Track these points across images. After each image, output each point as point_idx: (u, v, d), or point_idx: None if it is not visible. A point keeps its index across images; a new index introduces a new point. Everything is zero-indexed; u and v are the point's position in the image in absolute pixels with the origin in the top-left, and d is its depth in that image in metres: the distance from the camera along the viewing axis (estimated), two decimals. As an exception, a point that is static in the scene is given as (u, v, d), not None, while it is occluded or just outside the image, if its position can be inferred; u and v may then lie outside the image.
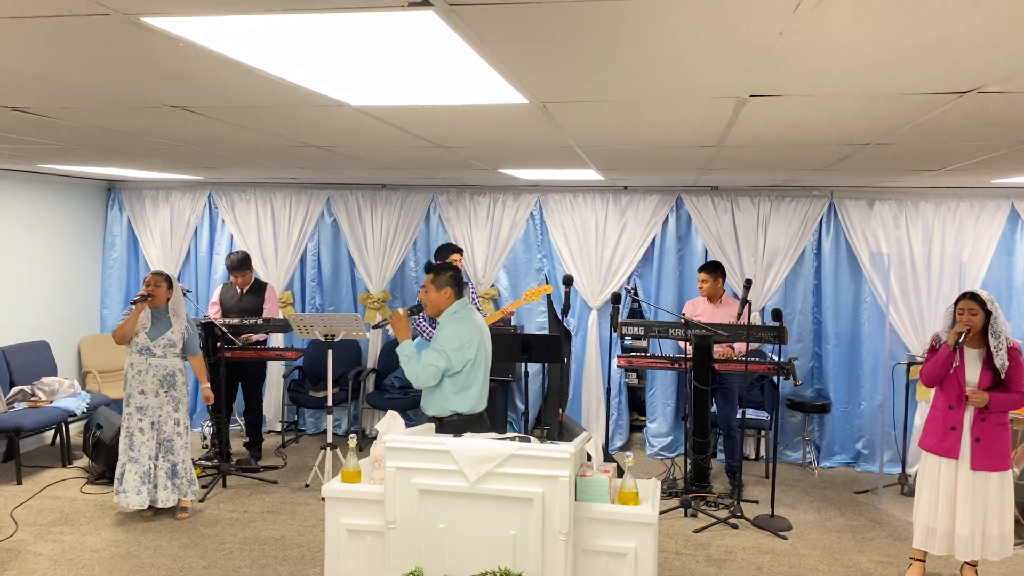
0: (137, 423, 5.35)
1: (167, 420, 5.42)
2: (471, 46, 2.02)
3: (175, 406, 5.45)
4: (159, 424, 5.39)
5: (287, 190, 7.83)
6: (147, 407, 5.35)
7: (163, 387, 5.39)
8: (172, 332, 5.43)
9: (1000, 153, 4.10)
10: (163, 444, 5.41)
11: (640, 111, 3.04)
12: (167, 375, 5.40)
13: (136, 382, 5.35)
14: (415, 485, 3.06)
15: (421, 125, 3.49)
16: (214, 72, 2.41)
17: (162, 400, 5.38)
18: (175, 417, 5.45)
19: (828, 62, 2.20)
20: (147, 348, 5.35)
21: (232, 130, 3.75)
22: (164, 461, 5.41)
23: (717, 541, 5.25)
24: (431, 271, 4.39)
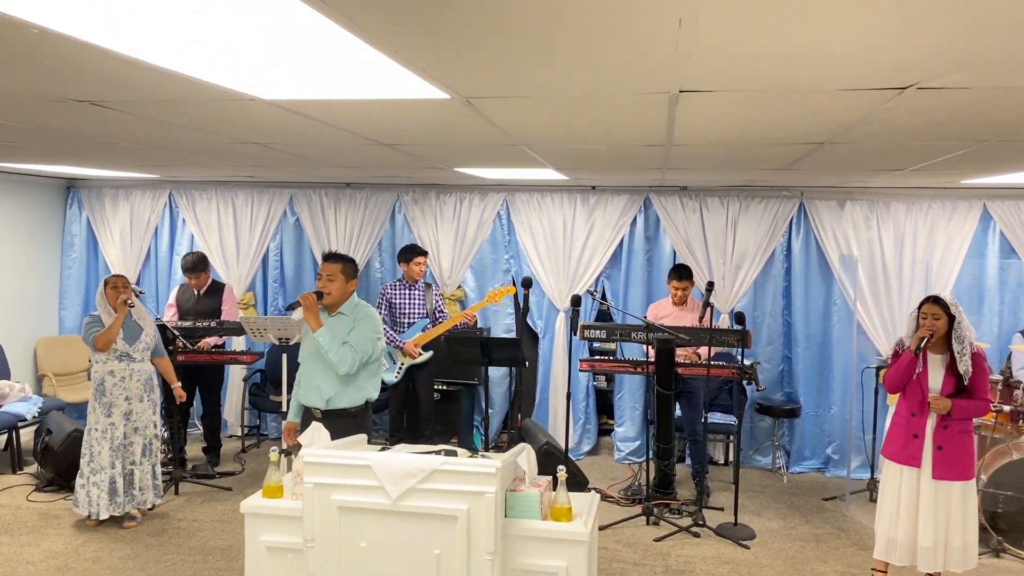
0: (122, 429, 5.22)
1: (148, 424, 5.35)
2: (355, 35, 1.86)
3: (153, 409, 5.39)
4: (143, 429, 5.32)
5: (248, 189, 7.65)
6: (133, 412, 5.25)
7: (145, 391, 5.31)
8: (146, 335, 5.34)
9: (960, 152, 3.97)
10: (146, 448, 5.34)
11: (573, 107, 2.89)
12: (147, 379, 5.34)
13: (120, 389, 5.21)
14: (334, 502, 2.90)
15: (349, 121, 3.33)
16: (87, 61, 2.24)
17: (145, 405, 5.32)
18: (153, 420, 5.39)
19: (744, 54, 2.05)
20: (127, 354, 5.22)
21: (158, 126, 3.58)
22: (147, 464, 5.35)
23: (677, 551, 5.10)
24: (341, 260, 4.31)
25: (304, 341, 4.37)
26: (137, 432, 5.27)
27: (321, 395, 4.24)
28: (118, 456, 5.20)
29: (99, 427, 5.19)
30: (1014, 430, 5.43)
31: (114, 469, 5.20)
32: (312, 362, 4.28)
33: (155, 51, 2.09)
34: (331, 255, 4.35)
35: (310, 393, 4.28)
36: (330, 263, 4.29)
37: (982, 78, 2.30)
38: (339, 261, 4.31)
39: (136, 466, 5.28)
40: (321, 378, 4.24)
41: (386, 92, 2.63)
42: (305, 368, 4.33)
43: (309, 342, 4.29)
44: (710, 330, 5.52)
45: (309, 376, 4.29)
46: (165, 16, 1.75)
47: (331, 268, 4.26)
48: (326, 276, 4.26)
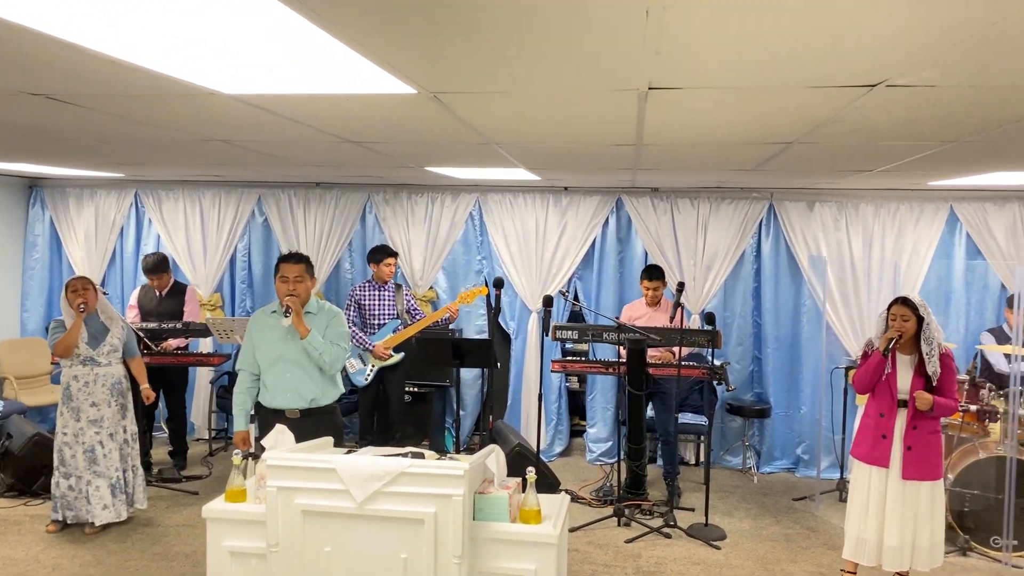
0: (95, 436, 5.08)
1: (119, 430, 5.20)
2: (320, 28, 1.81)
3: (123, 414, 5.24)
4: (118, 435, 5.17)
5: (216, 188, 7.54)
6: (103, 418, 5.10)
7: (113, 396, 5.15)
8: (112, 336, 5.18)
9: (927, 153, 3.99)
10: (122, 451, 5.22)
11: (541, 103, 2.85)
12: (116, 383, 5.18)
13: (84, 395, 5.07)
14: (298, 506, 2.84)
15: (315, 117, 3.27)
16: (42, 53, 2.17)
17: (114, 410, 5.16)
18: (123, 424, 5.24)
19: (714, 50, 2.03)
20: (90, 358, 5.08)
21: (118, 122, 3.50)
22: (128, 467, 5.26)
23: (648, 552, 5.09)
24: (304, 260, 4.23)
25: (259, 347, 4.22)
26: (112, 439, 5.14)
27: (303, 397, 4.16)
28: (90, 462, 5.07)
29: (68, 431, 5.07)
30: (980, 429, 5.48)
31: (89, 475, 5.08)
32: (285, 365, 4.17)
33: (113, 44, 2.03)
34: (293, 255, 4.24)
35: (284, 396, 4.17)
36: (294, 264, 4.17)
37: (950, 76, 2.30)
38: (302, 261, 4.22)
39: (119, 472, 5.17)
40: (302, 381, 4.16)
41: (351, 86, 2.58)
42: (276, 372, 4.18)
43: (276, 346, 4.17)
44: (680, 330, 5.51)
45: (282, 379, 4.17)
46: (124, 8, 1.69)
47: (297, 269, 4.16)
48: (293, 278, 4.14)
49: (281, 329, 4.17)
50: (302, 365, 4.17)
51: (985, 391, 5.42)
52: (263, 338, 4.21)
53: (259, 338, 4.22)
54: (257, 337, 4.23)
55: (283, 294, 4.14)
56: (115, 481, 5.15)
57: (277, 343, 4.17)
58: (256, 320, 4.29)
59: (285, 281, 4.14)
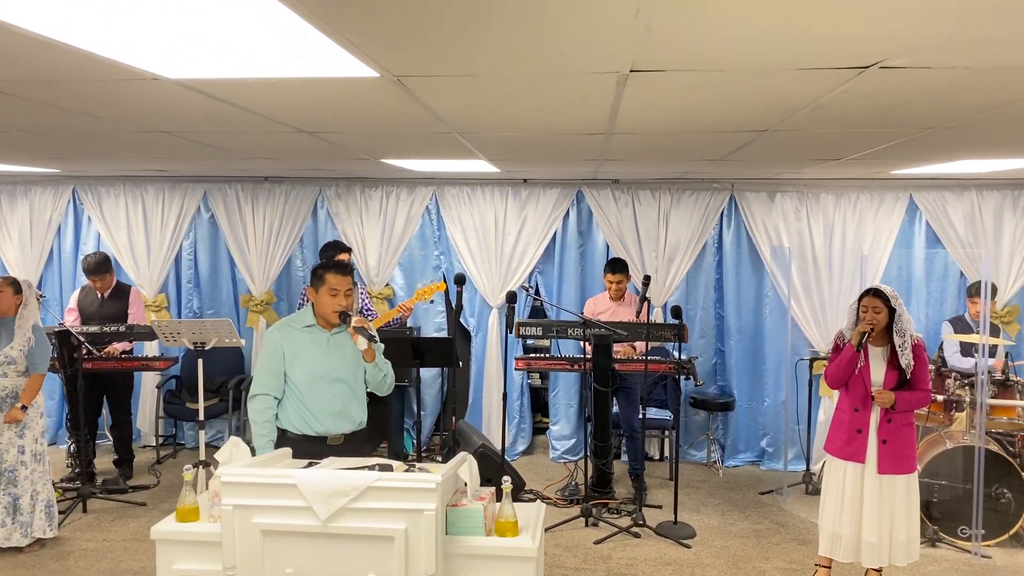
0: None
1: (9, 448, 4.72)
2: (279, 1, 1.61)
3: (19, 431, 4.75)
4: (2, 453, 4.71)
5: (159, 184, 7.19)
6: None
7: (2, 410, 4.71)
8: (11, 347, 4.73)
9: (897, 142, 3.91)
10: (4, 475, 4.71)
11: (511, 88, 2.67)
12: (6, 396, 4.73)
13: None
14: (256, 525, 2.62)
15: (267, 104, 3.04)
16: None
17: (1, 426, 4.71)
18: (19, 444, 4.75)
19: (709, 26, 1.87)
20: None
21: (51, 111, 3.22)
22: (3, 495, 4.71)
23: (618, 553, 4.96)
24: (350, 272, 3.70)
25: (295, 365, 3.63)
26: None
27: (352, 420, 3.70)
28: None
29: None
30: (946, 419, 5.47)
31: None
32: (329, 385, 3.64)
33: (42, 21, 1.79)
34: (341, 266, 3.67)
35: (330, 420, 3.64)
36: (345, 275, 3.62)
37: (947, 57, 2.18)
38: (350, 272, 3.69)
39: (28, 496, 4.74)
40: (350, 402, 3.69)
41: (308, 69, 2.37)
42: (317, 394, 3.63)
43: (318, 363, 3.64)
44: (647, 325, 5.39)
45: (329, 401, 3.64)
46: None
47: (348, 282, 3.62)
48: (344, 292, 3.60)
49: (321, 345, 3.65)
50: (350, 384, 3.69)
51: (951, 380, 5.41)
52: (299, 356, 3.63)
53: (293, 356, 3.63)
54: (291, 355, 3.63)
55: (331, 309, 3.59)
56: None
57: (316, 360, 3.63)
58: (285, 335, 3.67)
59: (335, 295, 3.58)
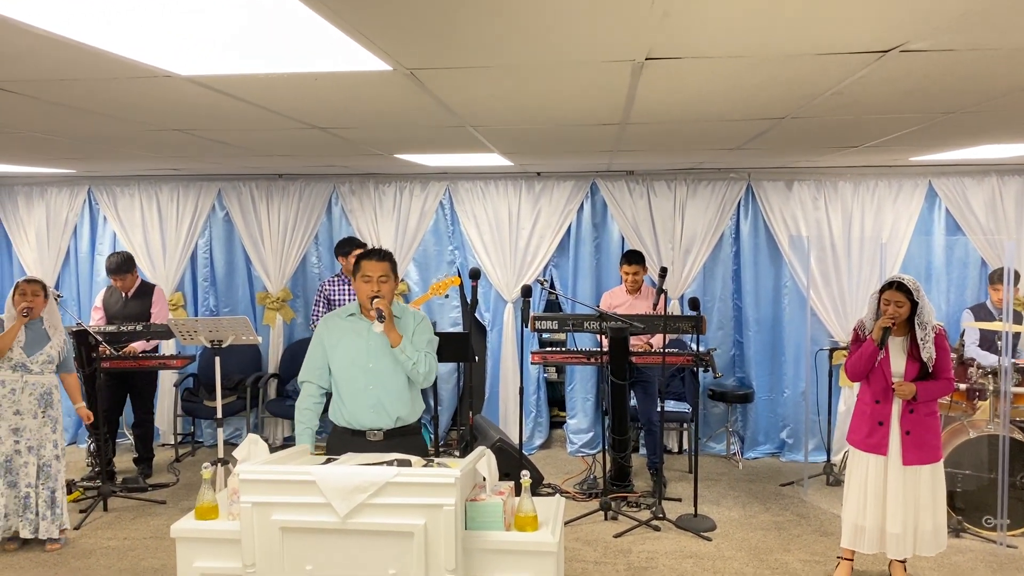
0: (12, 446, 4.77)
1: (46, 443, 4.86)
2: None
3: (53, 427, 4.90)
4: (37, 449, 4.83)
5: (174, 182, 7.21)
6: (24, 428, 4.78)
7: (40, 407, 4.83)
8: (51, 347, 4.87)
9: (917, 128, 3.85)
10: (43, 469, 4.85)
11: (526, 79, 2.64)
12: (44, 393, 4.85)
13: (8, 402, 4.75)
14: (276, 522, 2.61)
15: (279, 100, 3.03)
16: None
17: (40, 422, 4.83)
18: (53, 439, 4.90)
19: (727, 12, 1.84)
20: (23, 364, 4.77)
21: (65, 111, 3.22)
22: (44, 488, 4.85)
23: (638, 546, 4.93)
24: (389, 258, 3.60)
25: (335, 355, 3.60)
26: (31, 452, 4.81)
27: (389, 415, 3.54)
28: (4, 471, 4.75)
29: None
30: (969, 408, 5.40)
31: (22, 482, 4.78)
32: (367, 378, 3.55)
33: (54, 19, 1.79)
34: (376, 251, 3.60)
35: (366, 415, 3.54)
36: (378, 261, 3.55)
37: (970, 39, 2.13)
38: (386, 258, 3.58)
39: (32, 489, 4.82)
40: (386, 395, 3.54)
41: (321, 63, 2.35)
42: (354, 386, 3.56)
43: (356, 355, 3.58)
44: (664, 317, 5.35)
45: (364, 395, 3.54)
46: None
47: (382, 267, 3.53)
48: (377, 277, 3.52)
49: (362, 335, 3.58)
50: (388, 377, 3.57)
51: (973, 369, 5.35)
52: (339, 346, 3.60)
53: (333, 346, 3.61)
54: (331, 345, 3.61)
55: (365, 296, 3.53)
56: (23, 496, 4.81)
57: (355, 350, 3.58)
58: (328, 325, 3.67)
59: (368, 281, 3.52)
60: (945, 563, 4.64)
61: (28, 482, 4.81)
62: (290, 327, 7.31)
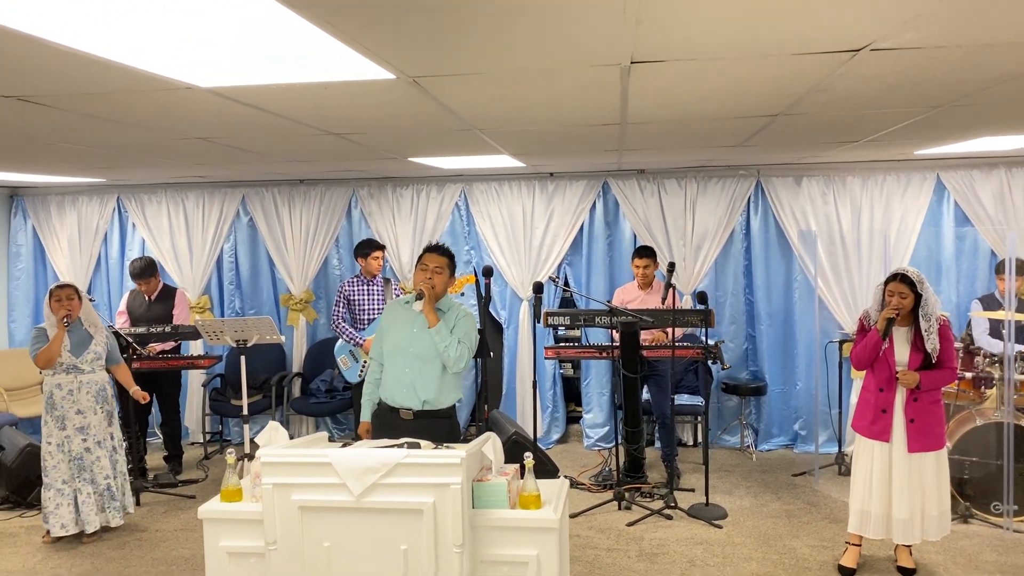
0: (81, 444, 5.04)
1: (106, 436, 5.16)
2: (295, 12, 1.77)
3: (109, 420, 5.20)
4: (105, 442, 5.13)
5: (199, 190, 7.46)
6: (88, 425, 5.05)
7: (98, 403, 5.10)
8: (96, 344, 5.13)
9: (910, 121, 3.97)
10: (112, 461, 5.17)
11: (522, 83, 2.81)
12: (100, 390, 5.12)
13: (69, 403, 5.01)
14: (295, 502, 2.80)
15: (294, 108, 3.22)
16: (10, 51, 2.12)
17: (100, 417, 5.11)
18: (109, 431, 5.19)
19: (697, 18, 1.99)
20: (74, 366, 5.02)
21: (94, 123, 3.44)
22: (119, 477, 5.21)
23: (650, 534, 5.07)
24: (448, 254, 3.97)
25: (387, 337, 3.97)
26: (100, 446, 5.10)
27: (418, 396, 3.85)
28: (78, 470, 5.03)
29: (53, 440, 5.02)
30: (976, 396, 5.48)
31: (78, 482, 5.03)
32: (406, 359, 3.89)
33: (83, 39, 1.98)
34: (438, 247, 3.97)
35: (399, 393, 3.88)
36: (437, 255, 3.91)
37: (934, 37, 2.26)
38: (446, 254, 3.95)
39: (111, 480, 5.13)
40: (419, 378, 3.86)
41: (328, 74, 2.53)
42: (395, 366, 3.91)
43: (401, 337, 3.92)
44: (673, 311, 5.49)
45: (401, 374, 3.89)
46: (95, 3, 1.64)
47: (439, 260, 3.89)
48: (432, 268, 3.87)
49: (409, 320, 3.92)
50: (424, 361, 3.87)
51: (980, 358, 5.43)
52: (391, 328, 3.99)
53: (389, 327, 4.00)
54: (387, 327, 4.01)
55: (419, 281, 3.90)
56: (104, 488, 5.11)
57: (403, 334, 3.92)
58: (389, 309, 4.08)
59: (424, 270, 3.88)
60: (953, 547, 4.73)
61: (105, 474, 5.10)
62: (313, 327, 7.53)
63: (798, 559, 4.66)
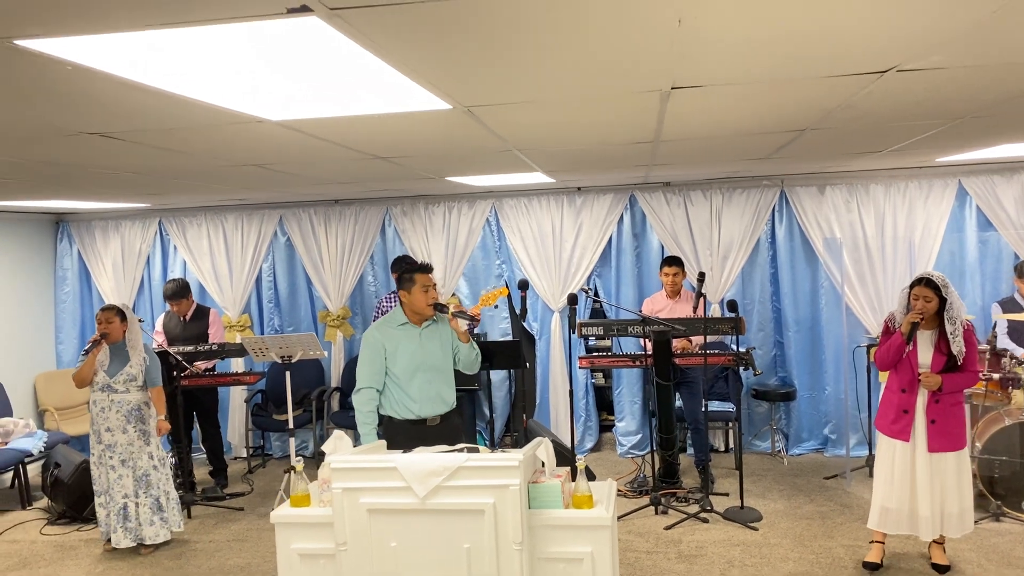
0: (108, 461, 5.24)
1: (140, 455, 5.28)
2: (368, 50, 1.97)
3: (146, 439, 5.32)
4: (132, 461, 5.26)
5: (238, 212, 7.72)
6: (116, 444, 5.23)
7: (130, 422, 5.25)
8: (130, 366, 5.29)
9: (931, 132, 4.13)
10: (140, 480, 5.27)
11: (567, 110, 3.00)
12: (132, 410, 5.27)
13: (101, 419, 5.24)
14: (363, 505, 2.99)
15: (351, 137, 3.43)
16: (118, 96, 2.34)
17: (131, 436, 5.26)
18: (147, 451, 5.32)
19: (737, 49, 2.18)
20: (108, 385, 5.24)
21: (161, 154, 3.67)
22: (146, 496, 5.29)
23: (688, 537, 5.22)
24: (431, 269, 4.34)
25: (398, 359, 4.17)
26: (125, 464, 5.23)
27: (446, 402, 4.28)
28: (116, 484, 5.25)
29: (95, 453, 5.29)
30: (1004, 397, 5.59)
31: (102, 498, 5.29)
32: (427, 374, 4.20)
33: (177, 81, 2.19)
34: (426, 266, 4.32)
35: (430, 405, 4.20)
36: (429, 273, 4.28)
37: (957, 58, 2.44)
38: (432, 271, 4.35)
39: (129, 499, 5.25)
40: (443, 386, 4.27)
41: (393, 106, 2.74)
42: (418, 382, 4.18)
43: (415, 356, 4.17)
44: (704, 319, 5.65)
45: (427, 388, 4.19)
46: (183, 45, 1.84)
47: (432, 278, 4.28)
48: (433, 286, 4.26)
49: (412, 338, 4.19)
50: (442, 371, 4.27)
51: (1007, 359, 5.54)
52: (399, 350, 4.18)
53: (395, 351, 4.18)
54: (392, 351, 4.18)
55: (425, 304, 4.18)
56: (123, 507, 5.24)
57: (413, 352, 4.18)
58: (385, 335, 4.21)
59: (426, 290, 4.19)
60: (985, 544, 4.85)
61: (124, 493, 5.24)
62: (350, 343, 7.75)
63: (834, 559, 4.79)
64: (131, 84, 2.18)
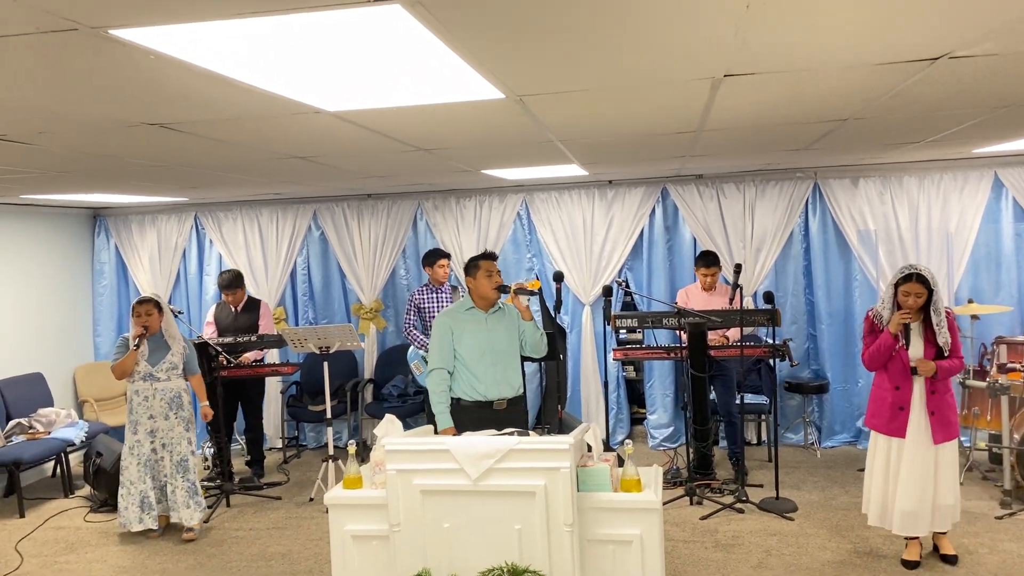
0: (150, 445, 5.41)
1: (180, 441, 5.47)
2: (441, 39, 2.03)
3: (185, 426, 5.52)
4: (172, 445, 5.44)
5: (273, 206, 7.82)
6: (158, 429, 5.41)
7: (171, 409, 5.44)
8: (172, 354, 5.47)
9: (976, 121, 4.13)
10: (180, 465, 5.46)
11: (617, 98, 3.05)
12: (174, 397, 5.46)
13: (144, 408, 5.39)
14: (417, 486, 3.05)
15: (400, 128, 3.49)
16: (189, 85, 2.41)
17: (172, 423, 5.44)
18: (187, 437, 5.52)
19: (798, 35, 2.21)
20: (150, 375, 5.39)
21: (213, 146, 3.74)
22: (183, 480, 5.46)
23: (724, 526, 5.25)
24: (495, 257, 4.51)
25: (463, 342, 4.33)
26: (165, 448, 5.43)
27: (512, 386, 4.38)
28: (147, 472, 5.41)
29: (128, 443, 5.43)
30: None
31: (144, 484, 5.41)
32: (495, 357, 4.34)
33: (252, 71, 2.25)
34: (491, 254, 4.47)
35: (496, 388, 4.33)
36: (493, 260, 4.42)
37: (1011, 44, 2.46)
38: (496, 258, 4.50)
39: (168, 479, 5.45)
40: (510, 370, 4.39)
41: (447, 96, 2.79)
42: (485, 365, 4.32)
43: (482, 340, 4.32)
44: (740, 311, 5.67)
45: (494, 371, 4.32)
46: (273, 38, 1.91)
47: (495, 264, 4.41)
48: (497, 272, 4.38)
49: (478, 322, 4.35)
50: (509, 355, 4.40)
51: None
52: (466, 333, 4.34)
53: (461, 334, 4.34)
54: (459, 334, 4.35)
55: (490, 288, 4.32)
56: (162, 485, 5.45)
57: (479, 335, 4.33)
58: (453, 319, 4.39)
59: (490, 275, 4.33)
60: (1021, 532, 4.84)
61: (165, 474, 5.45)
62: (383, 335, 7.84)
63: (872, 548, 4.80)
64: (204, 73, 2.24)
